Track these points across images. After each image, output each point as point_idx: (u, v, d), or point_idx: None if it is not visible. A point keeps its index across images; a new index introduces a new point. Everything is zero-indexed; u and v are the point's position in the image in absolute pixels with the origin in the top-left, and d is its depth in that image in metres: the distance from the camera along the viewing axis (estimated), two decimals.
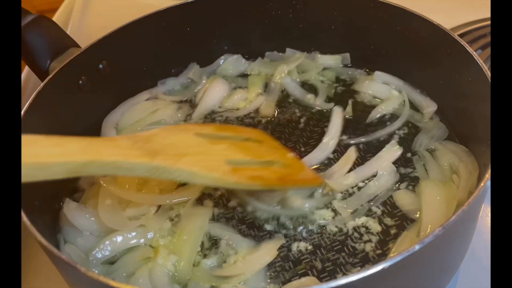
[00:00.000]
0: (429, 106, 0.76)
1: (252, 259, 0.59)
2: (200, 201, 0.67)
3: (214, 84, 0.85)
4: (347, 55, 0.87)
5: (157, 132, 0.58)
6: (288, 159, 0.67)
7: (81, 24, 1.16)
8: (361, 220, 0.63)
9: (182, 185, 0.67)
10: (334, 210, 0.65)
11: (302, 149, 0.74)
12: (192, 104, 0.85)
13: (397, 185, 0.67)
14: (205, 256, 0.61)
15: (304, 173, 0.67)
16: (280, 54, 0.90)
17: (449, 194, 0.62)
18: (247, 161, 0.61)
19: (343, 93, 0.83)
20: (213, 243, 0.62)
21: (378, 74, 0.82)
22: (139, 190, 0.67)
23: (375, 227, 0.62)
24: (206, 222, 0.63)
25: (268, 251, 0.60)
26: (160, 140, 0.56)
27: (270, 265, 0.59)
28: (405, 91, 0.79)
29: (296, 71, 0.87)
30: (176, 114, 0.82)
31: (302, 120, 0.80)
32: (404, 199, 0.65)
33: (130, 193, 0.65)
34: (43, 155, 0.46)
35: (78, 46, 0.78)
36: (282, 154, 0.68)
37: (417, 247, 0.44)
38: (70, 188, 0.72)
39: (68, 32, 0.83)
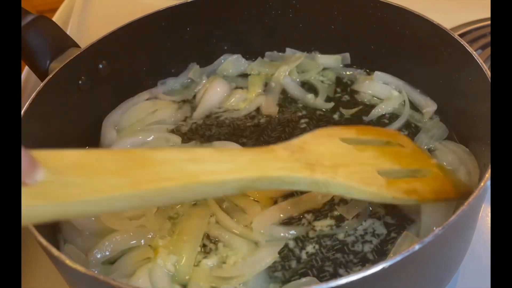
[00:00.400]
0: (429, 106, 0.76)
1: (253, 261, 0.58)
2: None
3: (214, 84, 0.85)
4: (347, 55, 0.87)
5: (308, 140, 0.55)
6: (433, 166, 0.62)
7: (81, 24, 1.16)
8: (363, 222, 0.63)
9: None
10: (334, 217, 0.63)
11: None
12: (192, 104, 0.85)
13: None
14: (205, 256, 0.61)
15: (453, 183, 0.61)
16: (280, 54, 0.90)
17: None
18: (397, 171, 0.57)
19: (343, 93, 0.83)
20: (213, 243, 0.62)
21: (378, 74, 0.82)
22: None
23: (376, 228, 0.62)
24: (205, 222, 0.63)
25: (269, 253, 0.59)
26: (313, 149, 0.53)
27: (270, 265, 0.59)
28: (405, 90, 0.79)
29: (296, 71, 0.87)
30: (176, 114, 0.82)
31: (302, 120, 0.80)
32: None
33: None
34: (218, 172, 0.43)
35: (78, 46, 0.78)
36: (426, 160, 0.63)
37: (417, 247, 0.44)
38: None
39: (68, 32, 0.83)
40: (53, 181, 0.34)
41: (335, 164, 0.52)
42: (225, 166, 0.44)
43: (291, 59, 0.88)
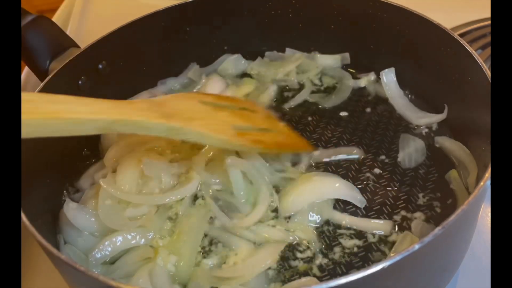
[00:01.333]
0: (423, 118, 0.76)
1: (253, 262, 0.59)
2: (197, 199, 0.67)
3: (211, 82, 0.85)
4: (347, 54, 0.87)
5: (168, 98, 0.63)
6: (281, 127, 0.74)
7: (80, 24, 1.16)
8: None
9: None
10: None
11: None
12: None
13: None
14: (205, 256, 0.61)
15: (296, 140, 0.73)
16: (280, 54, 0.90)
17: None
18: (248, 127, 0.67)
19: (343, 93, 0.83)
20: (213, 243, 0.62)
21: (381, 74, 0.82)
22: (139, 190, 0.67)
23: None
24: (205, 222, 0.63)
25: (269, 254, 0.59)
26: (172, 106, 0.61)
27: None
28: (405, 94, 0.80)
29: (295, 71, 0.87)
30: None
31: (302, 120, 0.80)
32: None
33: (128, 194, 0.65)
34: (78, 112, 0.50)
35: (77, 46, 0.78)
36: (275, 122, 0.74)
37: (416, 246, 0.44)
38: (70, 188, 0.72)
39: (67, 32, 0.83)
40: None
41: (191, 117, 0.60)
42: (84, 108, 0.51)
43: (291, 59, 0.88)
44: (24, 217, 0.51)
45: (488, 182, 0.49)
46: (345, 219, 0.63)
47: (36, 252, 0.70)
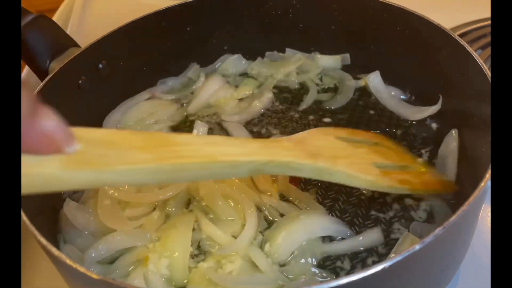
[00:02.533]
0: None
1: (252, 280, 0.56)
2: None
3: (211, 80, 0.85)
4: (347, 55, 0.87)
5: (306, 136, 0.59)
6: (419, 164, 0.69)
7: (81, 24, 1.16)
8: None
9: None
10: None
11: None
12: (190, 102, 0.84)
13: None
14: (203, 259, 0.60)
15: (439, 178, 0.67)
16: (280, 54, 0.90)
17: None
18: (388, 165, 0.62)
19: (346, 93, 0.83)
20: (209, 246, 0.62)
21: (367, 79, 0.82)
22: (138, 190, 0.67)
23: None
24: (190, 228, 0.61)
25: (272, 278, 0.57)
26: (313, 143, 0.58)
27: None
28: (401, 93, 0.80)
29: (295, 71, 0.87)
30: (177, 113, 0.82)
31: (301, 121, 0.80)
32: None
33: (127, 194, 0.65)
34: (233, 154, 0.48)
35: (78, 46, 0.78)
36: (413, 159, 0.69)
37: (417, 247, 0.44)
38: None
39: (68, 32, 0.83)
40: (88, 152, 0.38)
41: (335, 155, 0.57)
42: (238, 149, 0.49)
43: (291, 59, 0.88)
44: (24, 216, 0.51)
45: (488, 182, 0.49)
46: (339, 247, 0.61)
47: (36, 252, 0.70)
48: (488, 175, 0.50)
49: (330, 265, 0.60)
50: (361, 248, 0.60)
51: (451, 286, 0.62)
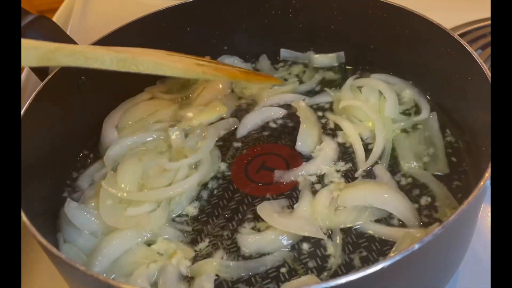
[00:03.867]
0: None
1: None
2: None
3: (213, 81, 0.85)
4: (342, 53, 0.87)
5: (128, 49, 0.62)
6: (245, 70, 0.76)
7: (81, 24, 1.16)
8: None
9: None
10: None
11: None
12: (190, 102, 0.84)
13: None
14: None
15: (260, 75, 0.78)
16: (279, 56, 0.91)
17: None
18: (210, 65, 0.68)
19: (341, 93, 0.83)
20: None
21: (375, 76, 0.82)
22: (140, 189, 0.67)
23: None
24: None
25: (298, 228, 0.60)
26: (129, 49, 0.61)
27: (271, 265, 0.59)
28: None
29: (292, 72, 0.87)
30: (177, 113, 0.82)
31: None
32: None
33: (131, 193, 0.65)
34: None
35: None
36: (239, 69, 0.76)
37: (416, 246, 0.44)
38: (70, 187, 0.72)
39: (68, 32, 0.83)
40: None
41: (146, 53, 0.60)
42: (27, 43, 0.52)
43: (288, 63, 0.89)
44: (24, 217, 0.51)
45: (488, 182, 0.49)
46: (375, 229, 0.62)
47: (36, 252, 0.70)
48: (487, 175, 0.50)
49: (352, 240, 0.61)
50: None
51: (450, 285, 0.62)
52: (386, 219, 0.63)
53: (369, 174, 0.69)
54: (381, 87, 0.77)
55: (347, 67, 0.88)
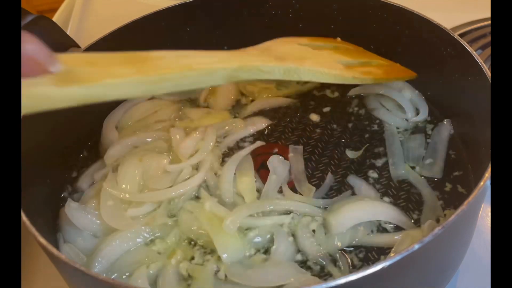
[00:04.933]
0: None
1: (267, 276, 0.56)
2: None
3: (224, 85, 0.85)
4: None
5: (270, 44, 0.66)
6: (379, 58, 0.75)
7: (81, 24, 1.16)
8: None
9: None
10: None
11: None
12: (194, 103, 0.84)
13: None
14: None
15: (399, 68, 0.74)
16: None
17: None
18: (351, 62, 0.69)
19: (340, 96, 0.83)
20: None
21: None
22: (141, 190, 0.67)
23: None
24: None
25: (281, 277, 0.56)
26: (278, 49, 0.64)
27: None
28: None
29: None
30: (177, 114, 0.82)
31: (299, 124, 0.80)
32: None
33: (133, 194, 0.65)
34: (207, 63, 0.53)
35: (78, 46, 0.78)
36: (372, 55, 0.76)
37: (416, 246, 0.44)
38: (70, 187, 0.72)
39: (68, 32, 0.83)
40: (75, 71, 0.42)
41: (301, 57, 0.63)
42: (211, 59, 0.54)
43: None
44: (24, 217, 0.51)
45: (488, 182, 0.49)
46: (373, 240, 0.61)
47: (36, 252, 0.70)
48: (487, 175, 0.50)
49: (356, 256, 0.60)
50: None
51: (450, 285, 0.62)
52: (379, 227, 0.62)
53: (342, 185, 0.68)
54: None
55: None
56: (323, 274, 0.58)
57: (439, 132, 0.73)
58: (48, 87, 0.41)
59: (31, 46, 0.42)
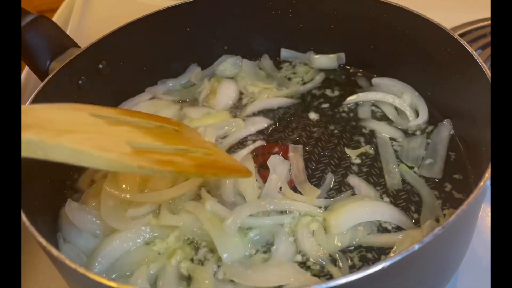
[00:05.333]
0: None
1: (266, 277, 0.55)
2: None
3: (224, 85, 0.85)
4: (342, 54, 0.87)
5: (38, 107, 0.50)
6: (209, 148, 0.60)
7: (80, 24, 1.16)
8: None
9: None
10: None
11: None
12: (194, 104, 0.84)
13: None
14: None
15: (229, 163, 0.60)
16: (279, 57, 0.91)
17: None
18: (156, 146, 0.53)
19: (340, 96, 0.84)
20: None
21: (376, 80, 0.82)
22: (141, 190, 0.67)
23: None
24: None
25: (281, 277, 0.55)
26: (40, 115, 0.48)
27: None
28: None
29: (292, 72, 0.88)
30: (178, 114, 0.82)
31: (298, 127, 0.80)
32: None
33: (131, 194, 0.65)
34: None
35: (78, 46, 0.78)
36: (202, 143, 0.62)
37: (416, 246, 0.44)
38: (70, 187, 0.72)
39: (67, 32, 0.83)
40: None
41: (65, 129, 0.47)
42: None
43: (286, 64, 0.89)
44: (24, 217, 0.51)
45: (488, 182, 0.49)
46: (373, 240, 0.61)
47: (36, 252, 0.70)
48: (487, 175, 0.50)
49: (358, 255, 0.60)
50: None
51: (451, 285, 0.62)
52: (379, 227, 0.62)
53: (342, 185, 0.68)
54: None
55: (346, 67, 0.88)
56: (323, 274, 0.58)
57: (439, 133, 0.73)
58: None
59: None
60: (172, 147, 0.54)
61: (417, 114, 0.77)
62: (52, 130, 0.45)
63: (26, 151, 0.44)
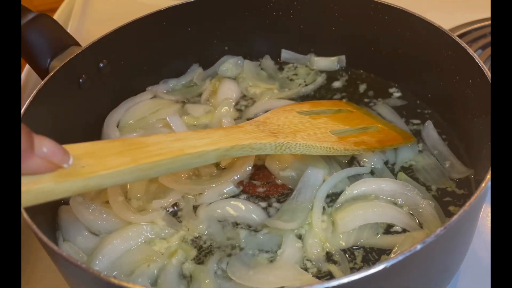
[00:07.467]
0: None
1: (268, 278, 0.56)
2: None
3: (225, 85, 0.85)
4: (343, 57, 0.87)
5: (269, 116, 0.67)
6: (378, 123, 0.74)
7: (81, 23, 1.16)
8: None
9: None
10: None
11: None
12: (195, 103, 0.84)
13: None
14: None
15: (398, 133, 0.73)
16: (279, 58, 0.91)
17: None
18: (346, 130, 0.69)
19: (342, 98, 0.83)
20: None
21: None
22: (148, 186, 0.68)
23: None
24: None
25: (282, 279, 0.55)
26: (274, 122, 0.65)
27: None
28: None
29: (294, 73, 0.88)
30: (179, 112, 0.82)
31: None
32: None
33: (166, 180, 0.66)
34: (199, 146, 0.54)
35: (78, 45, 0.78)
36: (372, 119, 0.75)
37: (418, 246, 0.44)
38: None
39: (68, 31, 0.83)
40: (74, 164, 0.44)
41: (294, 130, 0.64)
42: (204, 141, 0.55)
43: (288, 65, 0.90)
44: (24, 214, 0.51)
45: (489, 183, 0.49)
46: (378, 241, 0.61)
47: (36, 250, 0.70)
48: (488, 176, 0.50)
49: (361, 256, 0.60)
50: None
51: (451, 286, 0.62)
52: (385, 230, 0.62)
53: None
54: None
55: (347, 68, 0.88)
56: (324, 274, 0.58)
57: (429, 135, 0.73)
58: (49, 183, 0.42)
59: (47, 148, 0.42)
60: (356, 128, 0.70)
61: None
62: (288, 133, 0.63)
63: (280, 150, 0.61)
